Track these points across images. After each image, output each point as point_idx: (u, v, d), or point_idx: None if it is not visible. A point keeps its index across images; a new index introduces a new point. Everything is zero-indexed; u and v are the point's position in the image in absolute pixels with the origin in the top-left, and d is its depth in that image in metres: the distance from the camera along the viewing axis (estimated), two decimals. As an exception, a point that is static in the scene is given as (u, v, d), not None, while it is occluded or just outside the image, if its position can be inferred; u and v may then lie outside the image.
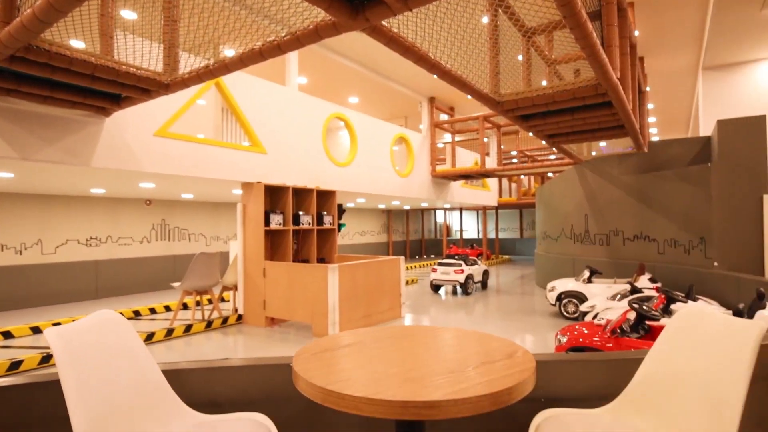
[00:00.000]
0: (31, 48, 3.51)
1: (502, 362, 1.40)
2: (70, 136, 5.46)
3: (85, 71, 3.90)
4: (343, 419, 2.02)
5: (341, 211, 9.59)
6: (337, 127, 12.15)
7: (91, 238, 10.25)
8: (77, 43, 4.11)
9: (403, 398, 1.12)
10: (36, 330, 7.18)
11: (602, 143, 10.02)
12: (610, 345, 4.36)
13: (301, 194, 8.53)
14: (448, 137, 15.42)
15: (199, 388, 1.98)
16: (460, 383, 1.22)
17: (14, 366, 5.35)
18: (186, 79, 4.15)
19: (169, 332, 7.00)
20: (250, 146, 7.87)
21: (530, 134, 9.36)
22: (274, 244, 8.24)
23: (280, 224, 7.86)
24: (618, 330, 4.49)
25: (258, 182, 7.71)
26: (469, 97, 12.84)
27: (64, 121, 5.40)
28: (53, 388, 1.83)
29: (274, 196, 8.16)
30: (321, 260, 8.88)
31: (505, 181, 20.17)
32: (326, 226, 8.76)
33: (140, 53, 4.25)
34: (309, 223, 8.33)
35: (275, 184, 7.89)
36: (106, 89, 4.43)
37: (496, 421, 1.99)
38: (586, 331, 4.73)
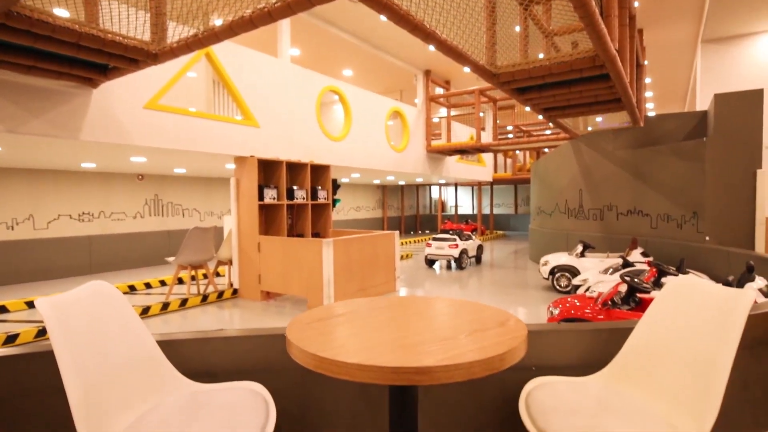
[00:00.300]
0: (11, 14, 3.40)
1: (494, 330, 1.41)
2: (57, 108, 5.35)
3: (69, 39, 3.78)
4: (338, 386, 2.04)
5: (336, 186, 9.55)
6: (331, 101, 11.98)
7: (83, 213, 10.17)
8: (62, 12, 3.98)
9: (395, 364, 1.13)
10: (31, 305, 7.19)
11: (599, 118, 9.97)
12: (601, 317, 4.43)
13: (295, 169, 8.47)
14: (443, 112, 15.27)
15: (195, 359, 1.99)
16: (452, 350, 1.23)
17: (10, 339, 5.38)
18: (174, 49, 4.04)
19: (165, 306, 7.04)
20: (243, 120, 7.76)
21: (527, 108, 9.26)
22: (268, 219, 8.22)
23: (274, 199, 7.82)
24: (609, 302, 4.56)
25: (251, 156, 7.64)
26: (465, 69, 12.57)
27: (50, 92, 5.27)
28: (48, 359, 1.84)
29: (267, 170, 8.10)
30: (316, 235, 8.89)
31: (500, 156, 20.10)
32: (321, 200, 8.73)
33: (126, 21, 4.13)
34: (303, 198, 8.30)
35: (269, 158, 7.81)
36: (92, 59, 4.32)
37: (488, 389, 2.03)
38: (578, 303, 4.80)
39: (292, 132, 8.67)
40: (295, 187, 8.16)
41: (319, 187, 8.74)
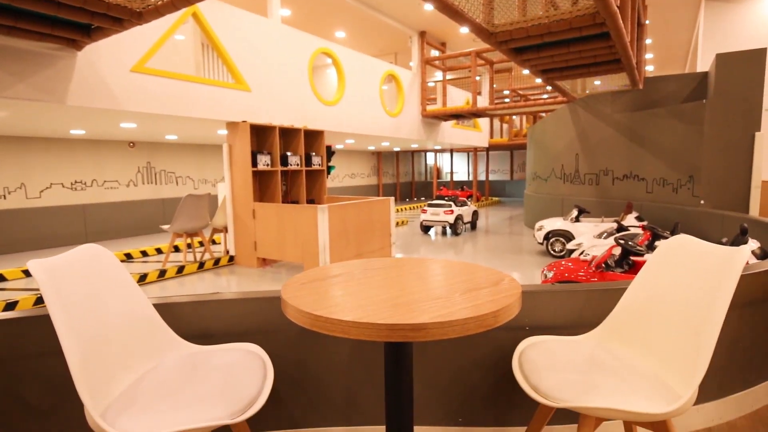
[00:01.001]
0: (-13, -30, 3.24)
1: (488, 289, 1.42)
2: (41, 71, 5.19)
3: (49, -3, 3.63)
4: (334, 345, 2.08)
5: (330, 153, 9.45)
6: (323, 65, 11.69)
7: (76, 181, 10.06)
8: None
9: (390, 321, 1.14)
10: (29, 273, 7.21)
11: (597, 81, 9.82)
12: (595, 279, 4.49)
13: (288, 134, 8.35)
14: (439, 76, 14.97)
15: (192, 322, 2.01)
16: (446, 308, 1.24)
17: (9, 307, 5.42)
18: (159, 7, 3.89)
19: (162, 273, 7.08)
20: (234, 83, 7.58)
21: (524, 72, 9.01)
22: (262, 186, 8.17)
23: (267, 165, 7.74)
24: (603, 265, 4.61)
25: (243, 121, 7.51)
26: (461, 30, 12.23)
27: (33, 54, 5.10)
28: (46, 322, 1.85)
29: (260, 136, 7.98)
30: (310, 201, 8.87)
31: (496, 121, 19.88)
32: (315, 167, 8.66)
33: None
34: (297, 164, 8.22)
35: (261, 123, 7.68)
36: (74, 18, 4.16)
37: (482, 348, 2.06)
38: (572, 266, 4.85)
39: (284, 96, 8.50)
40: (288, 153, 8.07)
41: (313, 153, 8.65)
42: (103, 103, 5.81)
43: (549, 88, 12.19)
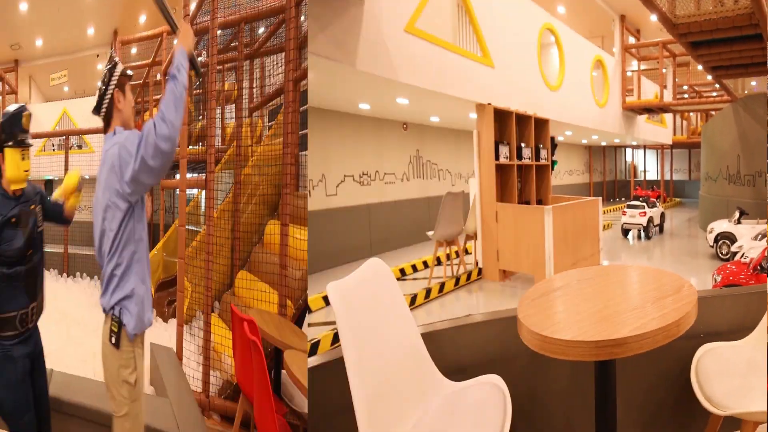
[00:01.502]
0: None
1: (672, 297, 1.16)
2: (334, 22, 3.46)
3: None
4: (557, 368, 1.52)
5: (554, 145, 6.51)
6: (547, 43, 7.91)
7: (363, 173, 6.81)
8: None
9: (596, 338, 0.93)
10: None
11: (753, 81, 7.25)
12: (752, 281, 3.86)
13: (521, 122, 5.75)
14: (634, 65, 12.00)
15: (448, 352, 1.41)
16: (640, 319, 1.01)
17: (313, 348, 3.40)
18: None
19: (428, 293, 4.95)
20: (481, 57, 5.46)
21: (699, 67, 7.35)
22: (501, 182, 5.65)
23: (507, 158, 5.44)
24: (759, 267, 3.90)
25: (488, 104, 5.33)
26: (652, 18, 9.20)
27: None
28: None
29: (501, 122, 5.57)
30: (539, 202, 6.20)
31: (677, 118, 15.32)
32: (542, 161, 6.09)
33: None
34: (529, 158, 5.79)
35: (501, 107, 5.37)
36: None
37: (660, 359, 1.55)
38: (735, 269, 4.33)
39: (516, 77, 6.09)
40: (522, 145, 5.65)
41: (541, 146, 6.02)
42: (383, 71, 4.10)
43: (717, 86, 8.97)
